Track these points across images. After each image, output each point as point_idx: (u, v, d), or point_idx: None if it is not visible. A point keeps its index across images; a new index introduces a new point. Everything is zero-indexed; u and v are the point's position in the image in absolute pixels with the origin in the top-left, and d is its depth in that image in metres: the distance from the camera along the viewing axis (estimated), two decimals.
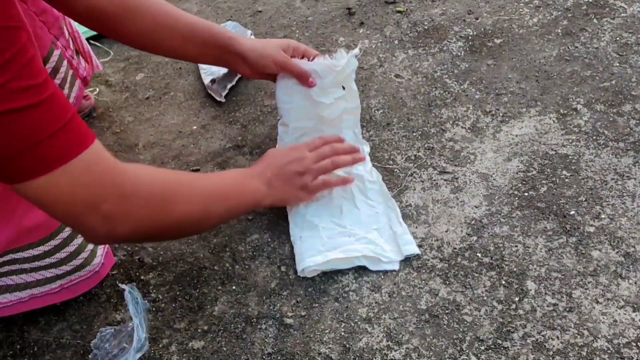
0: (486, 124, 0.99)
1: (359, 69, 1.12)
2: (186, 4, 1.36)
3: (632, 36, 1.11)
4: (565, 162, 0.91)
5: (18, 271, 0.74)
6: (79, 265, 0.76)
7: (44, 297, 0.77)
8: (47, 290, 0.77)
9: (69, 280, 0.77)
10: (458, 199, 0.88)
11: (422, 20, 1.21)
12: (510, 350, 0.70)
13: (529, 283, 0.77)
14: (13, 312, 0.77)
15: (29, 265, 0.73)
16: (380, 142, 0.97)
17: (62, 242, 0.74)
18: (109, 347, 0.73)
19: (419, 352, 0.71)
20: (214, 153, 1.00)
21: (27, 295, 0.76)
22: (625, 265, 0.77)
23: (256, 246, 0.85)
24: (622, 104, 0.99)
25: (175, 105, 1.10)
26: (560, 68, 1.07)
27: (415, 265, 0.80)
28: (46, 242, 0.73)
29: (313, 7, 1.29)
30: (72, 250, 0.75)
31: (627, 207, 0.84)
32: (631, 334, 0.70)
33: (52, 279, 0.76)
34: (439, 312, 0.75)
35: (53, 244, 0.73)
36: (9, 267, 0.73)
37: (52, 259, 0.74)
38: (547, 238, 0.81)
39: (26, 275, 0.75)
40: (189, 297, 0.80)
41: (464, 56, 1.12)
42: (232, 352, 0.74)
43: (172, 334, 0.76)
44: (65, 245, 0.74)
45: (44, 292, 0.77)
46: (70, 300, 0.80)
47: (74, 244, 0.75)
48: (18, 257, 0.72)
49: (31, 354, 0.76)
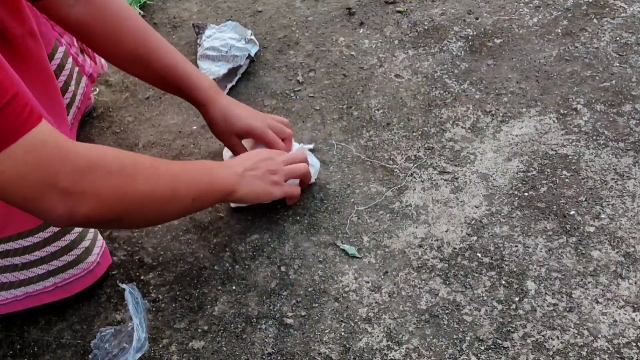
0: (486, 124, 0.99)
1: (360, 69, 1.12)
2: (186, 4, 1.35)
3: (632, 36, 1.11)
4: (565, 162, 0.91)
5: (10, 267, 0.74)
6: (71, 261, 0.76)
7: (39, 296, 0.77)
8: (41, 288, 0.76)
9: (63, 279, 0.77)
10: (458, 199, 0.88)
11: (422, 20, 1.21)
12: (510, 350, 0.70)
13: (529, 283, 0.77)
14: (10, 310, 0.77)
15: (19, 259, 0.73)
16: (380, 142, 0.98)
17: (53, 235, 0.73)
18: (109, 347, 0.73)
19: (419, 352, 0.71)
20: (214, 153, 1.00)
21: (22, 293, 0.76)
22: (625, 265, 0.77)
23: (256, 246, 0.85)
24: (622, 104, 0.99)
25: (175, 105, 1.10)
26: (560, 68, 1.07)
27: (415, 265, 0.80)
28: (35, 234, 0.72)
29: (313, 7, 1.29)
30: (63, 245, 0.75)
31: (627, 207, 0.84)
32: (631, 334, 0.70)
33: (45, 276, 0.76)
34: (439, 312, 0.75)
35: (42, 237, 0.73)
36: (1, 261, 0.73)
37: (42, 252, 0.73)
38: (547, 238, 0.81)
39: (18, 273, 0.74)
40: (189, 297, 0.80)
41: (464, 56, 1.12)
42: (232, 352, 0.74)
43: (172, 334, 0.76)
44: (55, 239, 0.74)
45: (38, 290, 0.76)
46: (70, 300, 0.80)
47: (65, 239, 0.75)
48: (9, 249, 0.72)
49: (31, 354, 0.76)
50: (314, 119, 1.03)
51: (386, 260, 0.81)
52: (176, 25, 1.29)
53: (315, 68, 1.13)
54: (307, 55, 1.17)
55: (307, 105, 1.06)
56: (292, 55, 1.17)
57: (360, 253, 0.82)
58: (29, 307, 0.78)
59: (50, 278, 0.76)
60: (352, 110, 1.04)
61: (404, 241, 0.83)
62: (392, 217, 0.86)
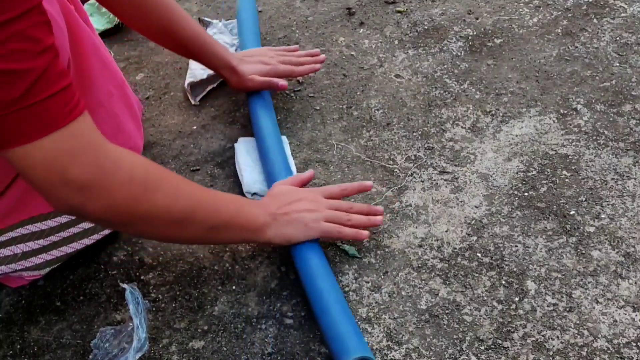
0: (486, 124, 0.99)
1: (360, 69, 1.12)
2: (186, 4, 1.36)
3: (632, 36, 1.11)
4: (565, 162, 0.91)
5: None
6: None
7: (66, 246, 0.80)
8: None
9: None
10: (458, 199, 0.88)
11: (422, 20, 1.21)
12: (510, 350, 0.70)
13: (529, 283, 0.77)
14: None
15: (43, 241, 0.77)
16: (380, 142, 0.98)
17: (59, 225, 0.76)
18: (109, 347, 0.73)
19: (419, 352, 0.71)
20: (214, 153, 1.00)
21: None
22: (625, 265, 0.77)
23: (256, 246, 0.85)
24: (622, 104, 0.99)
25: (175, 105, 1.10)
26: (560, 68, 1.07)
27: (415, 265, 0.80)
28: (45, 220, 0.74)
29: (313, 7, 1.29)
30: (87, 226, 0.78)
31: (627, 207, 0.84)
32: (631, 334, 0.71)
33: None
34: (439, 312, 0.75)
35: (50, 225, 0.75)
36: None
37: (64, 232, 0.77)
38: (547, 238, 0.81)
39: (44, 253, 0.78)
40: (189, 297, 0.80)
41: (464, 56, 1.12)
42: (232, 352, 0.74)
43: (172, 334, 0.76)
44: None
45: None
46: (70, 300, 0.80)
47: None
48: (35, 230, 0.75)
49: (31, 354, 0.76)
50: (314, 119, 1.03)
51: (386, 260, 0.81)
52: None
53: None
54: None
55: (307, 105, 1.06)
56: None
57: (360, 253, 0.82)
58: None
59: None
60: (352, 110, 1.04)
61: (404, 241, 0.83)
62: (392, 217, 0.86)
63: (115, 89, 0.82)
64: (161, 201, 0.64)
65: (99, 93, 0.77)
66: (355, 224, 0.79)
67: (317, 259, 0.75)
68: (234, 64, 0.98)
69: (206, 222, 0.69)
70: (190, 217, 0.67)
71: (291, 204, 0.77)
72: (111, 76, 0.82)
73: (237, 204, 0.75)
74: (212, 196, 0.73)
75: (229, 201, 0.74)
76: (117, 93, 0.83)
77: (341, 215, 0.78)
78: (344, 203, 0.81)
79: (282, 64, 1.02)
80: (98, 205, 0.59)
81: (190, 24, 0.93)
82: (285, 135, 0.99)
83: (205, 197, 0.70)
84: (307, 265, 0.75)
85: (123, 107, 0.84)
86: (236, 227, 0.73)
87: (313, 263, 0.75)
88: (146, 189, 0.63)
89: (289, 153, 0.95)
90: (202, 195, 0.71)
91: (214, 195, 0.74)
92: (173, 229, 0.68)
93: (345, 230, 0.77)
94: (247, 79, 0.99)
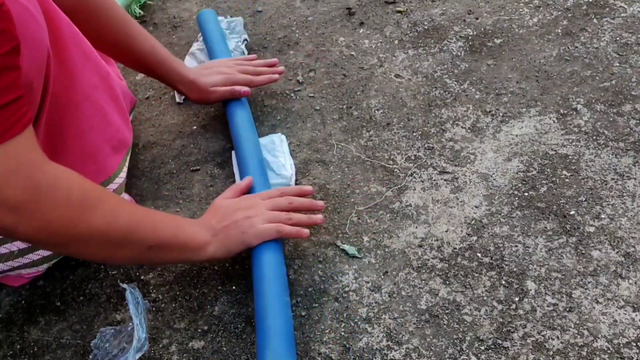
0: (486, 124, 0.99)
1: (360, 69, 1.12)
2: (186, 4, 1.36)
3: (632, 36, 1.11)
4: (565, 162, 0.91)
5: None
6: None
7: None
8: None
9: None
10: (458, 199, 0.88)
11: (422, 20, 1.21)
12: (510, 350, 0.70)
13: (529, 283, 0.77)
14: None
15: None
16: (380, 142, 0.98)
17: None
18: (109, 347, 0.73)
19: (419, 352, 0.71)
20: (214, 153, 1.00)
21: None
22: (625, 265, 0.77)
23: None
24: (622, 104, 0.99)
25: (175, 105, 1.10)
26: (560, 68, 1.07)
27: (415, 265, 0.80)
28: None
29: (313, 7, 1.29)
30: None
31: (627, 207, 0.84)
32: (631, 334, 0.71)
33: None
34: (439, 312, 0.75)
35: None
36: None
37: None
38: (547, 238, 0.81)
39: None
40: (189, 297, 0.80)
41: (464, 56, 1.12)
42: (232, 352, 0.74)
43: (172, 334, 0.76)
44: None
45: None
46: (70, 300, 0.80)
47: None
48: None
49: (31, 354, 0.76)
50: (314, 119, 1.03)
51: (386, 260, 0.81)
52: (176, 25, 1.29)
53: (315, 68, 1.14)
54: (307, 55, 1.17)
55: (307, 105, 1.06)
56: (292, 55, 1.17)
57: (360, 253, 0.82)
58: None
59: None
60: (352, 110, 1.04)
61: (404, 241, 0.83)
62: (392, 217, 0.86)
63: (100, 81, 0.80)
64: (98, 222, 0.62)
65: (83, 85, 0.75)
66: (295, 222, 0.78)
67: (257, 266, 0.75)
68: (192, 78, 0.97)
69: (144, 242, 0.68)
70: (128, 237, 0.66)
71: (230, 215, 0.77)
72: (94, 67, 0.80)
73: (177, 222, 0.74)
74: (151, 216, 0.71)
75: (169, 220, 0.73)
76: (102, 85, 0.81)
77: (280, 214, 0.78)
78: (283, 199, 0.80)
79: (240, 73, 1.01)
80: (31, 226, 0.57)
81: (147, 40, 0.93)
82: (285, 135, 0.99)
83: (143, 218, 0.69)
84: (255, 273, 0.75)
85: (108, 100, 0.83)
86: (175, 247, 0.71)
87: (256, 270, 0.75)
88: (83, 210, 0.61)
89: (287, 153, 0.95)
90: (141, 215, 0.69)
91: (153, 215, 0.73)
92: (110, 250, 0.66)
93: (285, 228, 0.76)
94: (210, 91, 0.98)
